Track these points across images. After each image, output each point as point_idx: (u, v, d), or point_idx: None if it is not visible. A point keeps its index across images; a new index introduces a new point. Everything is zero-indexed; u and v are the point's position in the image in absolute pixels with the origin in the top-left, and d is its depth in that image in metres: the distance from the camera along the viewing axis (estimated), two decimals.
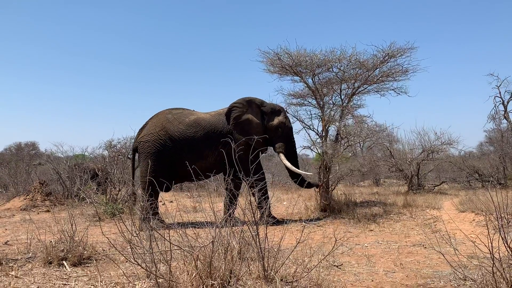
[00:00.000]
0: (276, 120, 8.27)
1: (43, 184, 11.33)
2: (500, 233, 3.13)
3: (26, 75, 78.97)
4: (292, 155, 8.37)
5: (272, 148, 8.63)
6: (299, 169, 8.44)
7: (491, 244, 3.03)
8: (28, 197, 10.82)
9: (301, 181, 8.24)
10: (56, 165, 12.84)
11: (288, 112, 9.45)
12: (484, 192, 9.49)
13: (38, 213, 9.64)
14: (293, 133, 8.58)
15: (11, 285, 3.63)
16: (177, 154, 7.67)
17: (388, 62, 8.92)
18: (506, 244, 3.12)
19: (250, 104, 8.24)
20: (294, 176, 8.32)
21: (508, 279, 3.01)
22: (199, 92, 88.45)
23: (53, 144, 24.67)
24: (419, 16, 75.36)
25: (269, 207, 7.03)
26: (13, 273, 4.03)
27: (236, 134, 7.83)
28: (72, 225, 4.64)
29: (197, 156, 7.66)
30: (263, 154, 10.04)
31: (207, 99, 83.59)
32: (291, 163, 8.15)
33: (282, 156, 8.19)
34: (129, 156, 13.86)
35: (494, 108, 16.49)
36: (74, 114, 70.00)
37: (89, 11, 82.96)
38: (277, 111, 8.42)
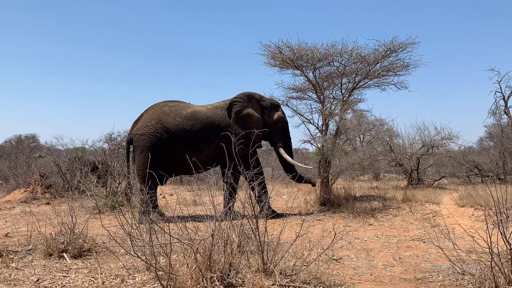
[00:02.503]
0: (276, 115, 8.29)
1: (43, 177, 11.35)
2: (499, 228, 3.14)
3: (26, 67, 78.81)
4: (289, 149, 8.46)
5: (269, 142, 8.69)
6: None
7: (490, 239, 3.04)
8: (28, 189, 10.84)
9: (299, 178, 8.34)
10: (56, 158, 12.83)
11: (288, 106, 9.44)
12: (484, 187, 9.50)
13: (38, 206, 9.66)
14: (291, 127, 8.73)
15: (12, 276, 3.65)
16: (173, 147, 7.59)
17: (389, 57, 8.91)
18: (504, 239, 3.13)
19: (250, 98, 8.24)
20: (290, 170, 8.37)
21: (506, 273, 3.03)
22: (198, 85, 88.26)
23: (53, 136, 24.80)
24: (420, 11, 74.96)
25: (268, 200, 7.05)
26: (13, 264, 4.05)
27: (235, 128, 7.82)
28: (72, 218, 4.66)
29: (193, 149, 7.59)
30: (261, 149, 10.08)
31: (206, 91, 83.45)
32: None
33: (282, 150, 8.23)
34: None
35: (495, 103, 16.49)
36: (74, 106, 70.08)
37: (88, 3, 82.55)
38: (276, 106, 8.47)
